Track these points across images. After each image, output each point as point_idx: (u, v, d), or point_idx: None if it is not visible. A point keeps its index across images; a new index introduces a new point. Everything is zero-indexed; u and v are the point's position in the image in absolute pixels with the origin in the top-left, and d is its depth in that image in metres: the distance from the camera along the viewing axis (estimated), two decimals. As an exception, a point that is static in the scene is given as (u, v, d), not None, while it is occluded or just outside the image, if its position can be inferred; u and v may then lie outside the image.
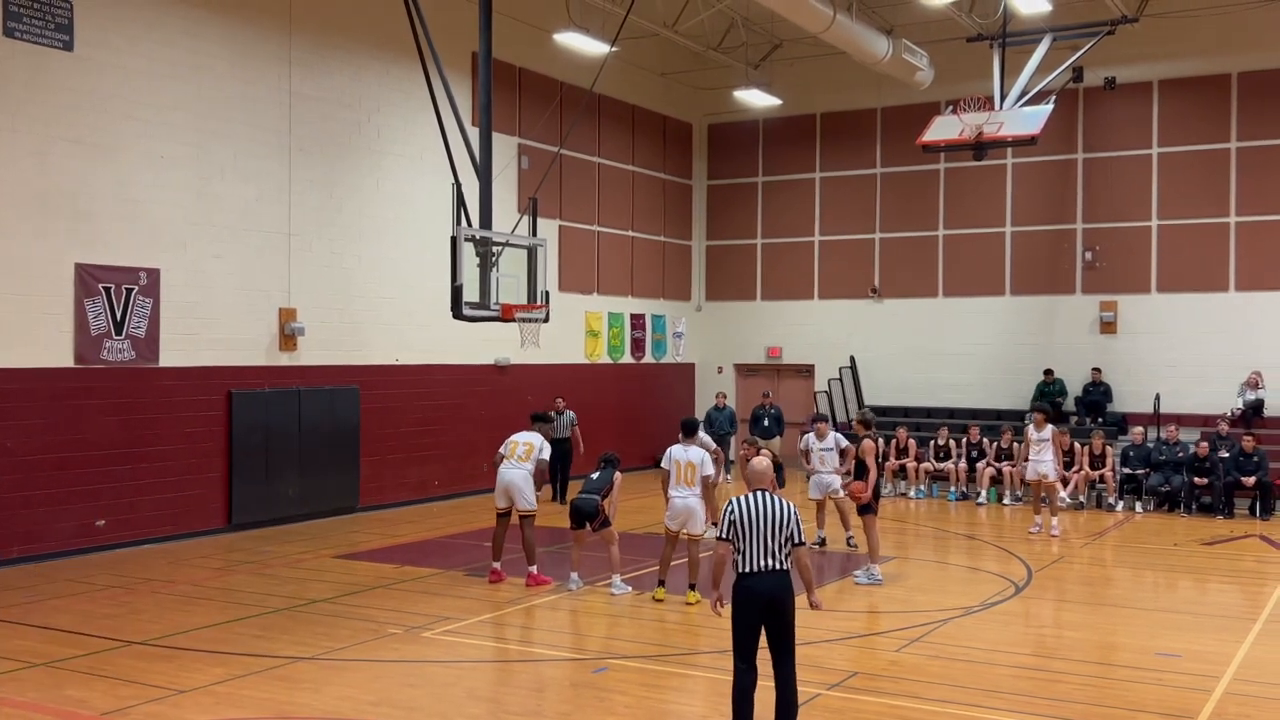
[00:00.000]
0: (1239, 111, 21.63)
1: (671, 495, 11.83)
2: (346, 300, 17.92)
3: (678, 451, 11.91)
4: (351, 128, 18.03)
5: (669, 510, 11.88)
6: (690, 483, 11.75)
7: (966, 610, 11.59)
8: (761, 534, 7.27)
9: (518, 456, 12.60)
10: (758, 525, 7.28)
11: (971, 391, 23.61)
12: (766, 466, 7.61)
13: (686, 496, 11.75)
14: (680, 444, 12.05)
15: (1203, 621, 11.47)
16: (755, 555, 7.26)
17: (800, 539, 7.39)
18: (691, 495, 11.75)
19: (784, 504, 7.39)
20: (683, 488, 11.76)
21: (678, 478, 11.79)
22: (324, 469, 17.33)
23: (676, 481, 11.80)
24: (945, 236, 24.28)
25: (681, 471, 11.76)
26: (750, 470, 7.65)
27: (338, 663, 9.48)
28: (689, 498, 11.74)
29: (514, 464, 12.59)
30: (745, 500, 7.38)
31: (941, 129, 19.34)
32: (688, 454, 11.85)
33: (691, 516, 11.74)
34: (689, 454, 11.85)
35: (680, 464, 11.77)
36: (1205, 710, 8.31)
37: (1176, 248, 22.10)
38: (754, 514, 7.31)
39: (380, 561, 13.99)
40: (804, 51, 23.77)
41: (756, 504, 7.35)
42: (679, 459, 11.81)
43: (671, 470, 11.84)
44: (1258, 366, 20.93)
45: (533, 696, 8.72)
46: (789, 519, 7.34)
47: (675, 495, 11.79)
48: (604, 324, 23.99)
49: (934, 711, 8.26)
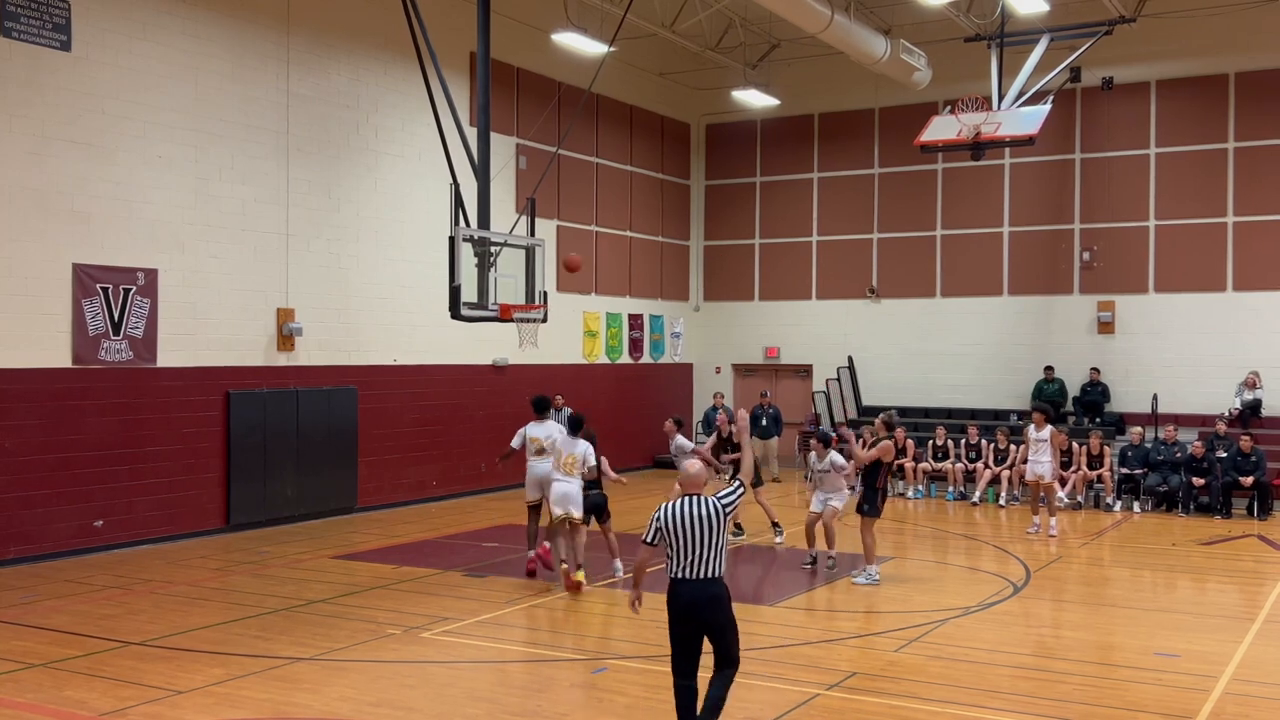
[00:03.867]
0: (1236, 112, 21.66)
1: (554, 479, 12.11)
2: (344, 301, 17.91)
3: (534, 429, 12.32)
4: (349, 128, 18.02)
5: (552, 495, 12.21)
6: (571, 471, 12.06)
7: (965, 610, 11.59)
8: (690, 541, 7.00)
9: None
10: (685, 532, 7.01)
11: (969, 392, 23.61)
12: (699, 471, 7.34)
13: (568, 482, 12.05)
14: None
15: (1201, 621, 11.47)
16: (684, 563, 7.02)
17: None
18: (573, 483, 12.05)
19: (715, 509, 7.08)
20: (562, 473, 12.10)
21: (556, 464, 12.14)
22: (322, 469, 17.32)
23: (556, 467, 12.13)
24: (943, 237, 24.30)
25: (562, 460, 12.12)
26: (682, 474, 7.36)
27: (336, 663, 9.47)
28: (570, 484, 12.06)
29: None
30: (672, 507, 7.11)
31: (939, 129, 19.35)
32: (571, 445, 12.16)
33: (571, 501, 12.04)
34: (573, 445, 12.15)
35: (563, 453, 12.13)
36: (1204, 710, 8.31)
37: (1174, 248, 22.12)
38: (680, 520, 7.04)
39: (378, 562, 13.98)
40: (802, 52, 23.77)
41: (684, 510, 7.07)
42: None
43: (554, 457, 12.21)
44: (1255, 366, 20.96)
45: (532, 697, 8.71)
46: (718, 525, 7.05)
47: (556, 479, 12.08)
48: (602, 324, 23.99)
49: (934, 712, 8.26)
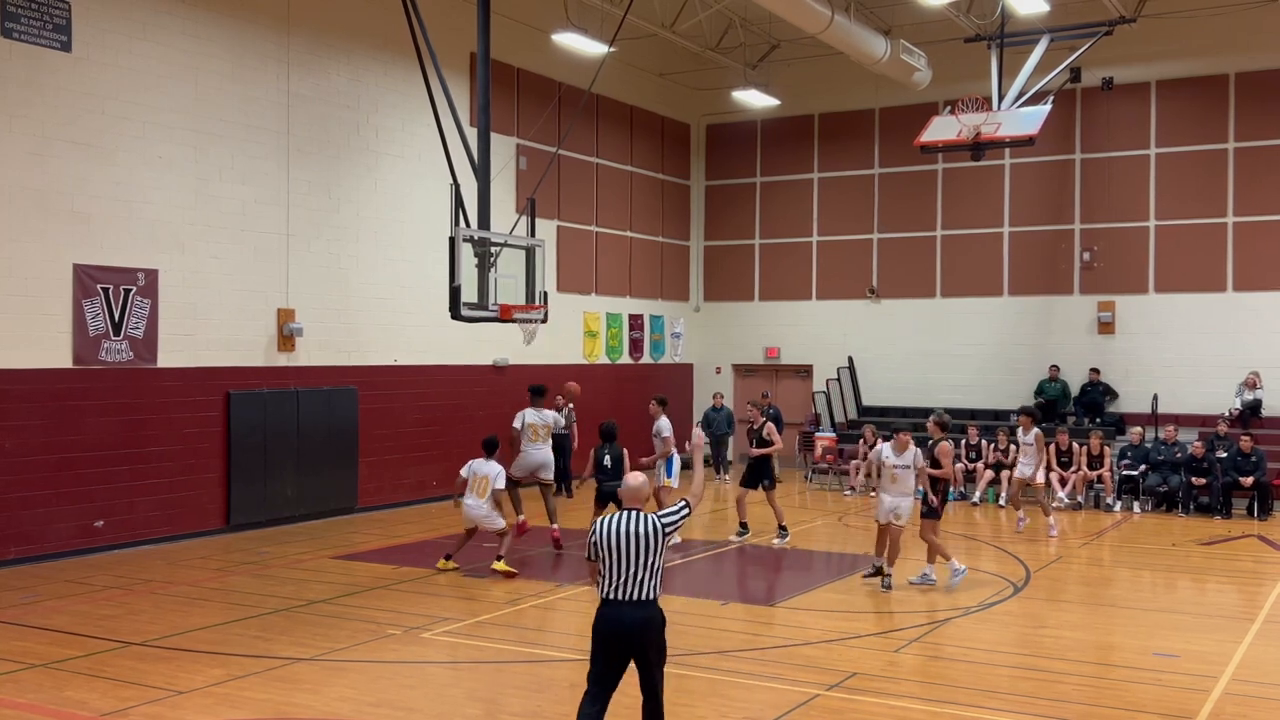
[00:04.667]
0: (1236, 112, 21.65)
1: (466, 504, 13.28)
2: (345, 301, 17.92)
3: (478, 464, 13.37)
4: (350, 128, 18.02)
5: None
6: (482, 495, 13.20)
7: (965, 610, 11.60)
8: (623, 559, 6.56)
9: (541, 438, 14.67)
10: (619, 550, 6.57)
11: (970, 392, 23.59)
12: (640, 484, 6.88)
13: (478, 505, 13.20)
14: (481, 459, 13.44)
15: (1201, 622, 11.48)
16: (616, 582, 6.57)
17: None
18: (482, 505, 13.21)
19: (653, 528, 6.63)
20: (474, 497, 13.22)
21: (471, 487, 13.30)
22: (322, 469, 17.32)
23: (469, 491, 13.28)
24: (943, 237, 24.29)
25: (476, 483, 13.26)
26: (624, 487, 6.91)
27: (337, 663, 9.48)
28: (480, 507, 13.21)
29: (539, 446, 14.66)
30: (608, 522, 6.68)
31: (939, 129, 19.34)
32: (486, 467, 13.30)
33: (486, 520, 13.30)
34: (487, 467, 13.29)
35: (477, 475, 13.27)
36: (1203, 711, 8.32)
37: (1174, 248, 22.11)
38: (615, 537, 6.59)
39: (379, 562, 13.99)
40: (802, 52, 23.77)
41: (620, 526, 6.62)
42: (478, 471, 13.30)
43: (470, 480, 13.35)
44: (1255, 367, 20.95)
45: (532, 697, 8.72)
46: (655, 545, 6.60)
47: (468, 503, 13.26)
48: (602, 324, 23.99)
49: (933, 712, 8.26)
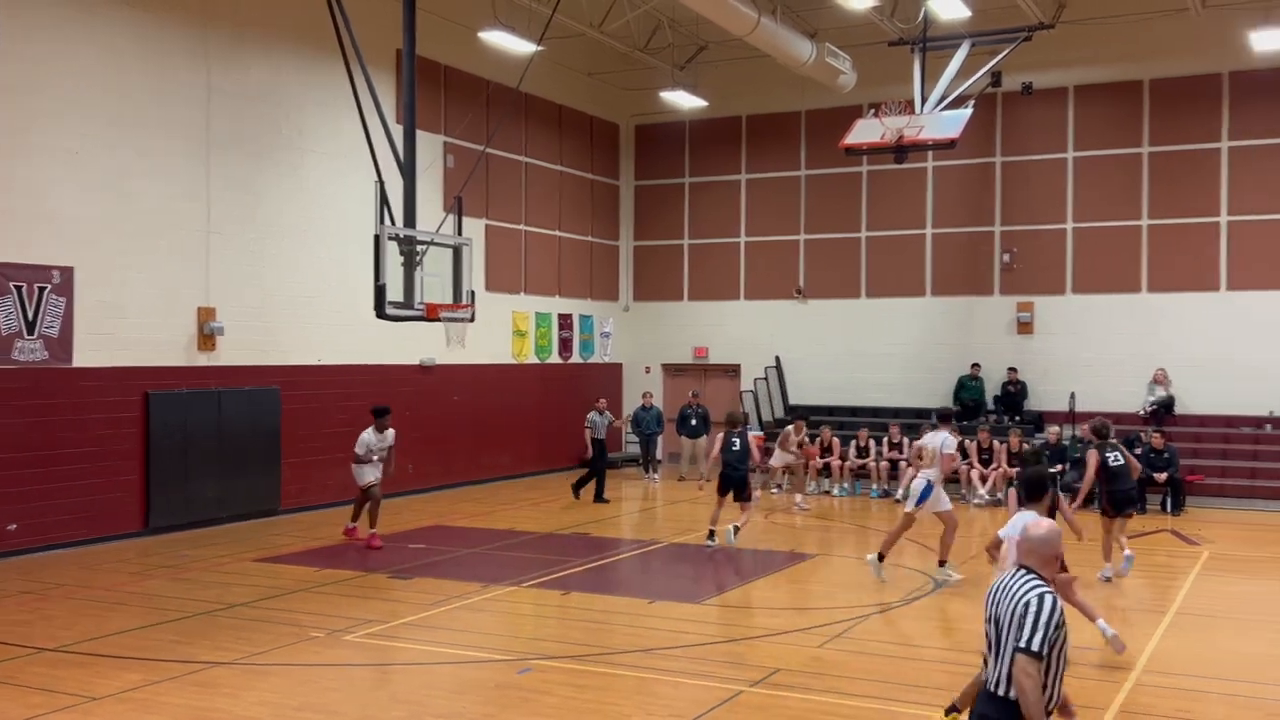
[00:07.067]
0: (1151, 117, 22.21)
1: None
2: (268, 300, 17.65)
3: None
4: (273, 125, 17.77)
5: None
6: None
7: (887, 606, 11.77)
8: None
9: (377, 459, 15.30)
10: None
11: (894, 391, 23.94)
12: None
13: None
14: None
15: (1115, 614, 11.72)
16: None
17: None
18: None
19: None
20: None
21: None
22: (245, 471, 17.05)
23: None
24: (868, 238, 24.60)
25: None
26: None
27: (258, 667, 9.34)
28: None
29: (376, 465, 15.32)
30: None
31: (863, 132, 19.54)
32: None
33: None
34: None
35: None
36: (1116, 702, 8.52)
37: (1091, 250, 22.63)
38: None
39: (303, 564, 13.82)
40: (729, 54, 23.92)
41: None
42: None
43: None
44: (1168, 366, 21.52)
45: (457, 698, 8.67)
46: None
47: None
48: (531, 324, 23.91)
49: (855, 706, 8.37)
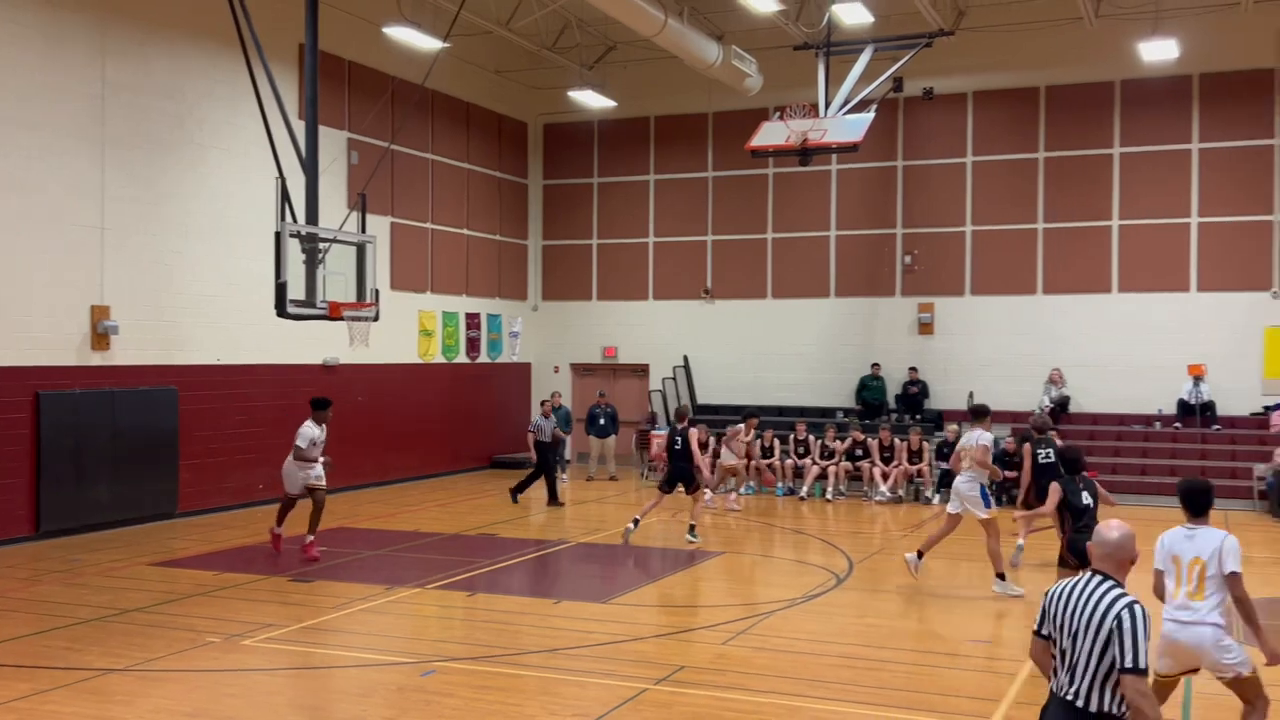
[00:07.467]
0: (1046, 124, 22.84)
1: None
2: (166, 298, 17.22)
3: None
4: (172, 120, 17.33)
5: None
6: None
7: (791, 602, 11.91)
8: None
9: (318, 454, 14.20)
10: None
11: (799, 390, 24.25)
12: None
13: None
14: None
15: (1011, 608, 12.06)
16: None
17: None
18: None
19: None
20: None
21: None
22: (140, 473, 16.61)
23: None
24: (774, 240, 24.88)
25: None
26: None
27: (153, 674, 9.12)
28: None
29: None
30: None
31: (769, 134, 19.75)
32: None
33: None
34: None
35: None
36: (1009, 693, 8.74)
37: (989, 252, 23.18)
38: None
39: (200, 568, 13.51)
40: (638, 54, 24.00)
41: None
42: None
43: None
44: (1062, 365, 22.16)
45: (358, 703, 8.56)
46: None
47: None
48: (438, 323, 23.70)
49: (758, 703, 8.45)
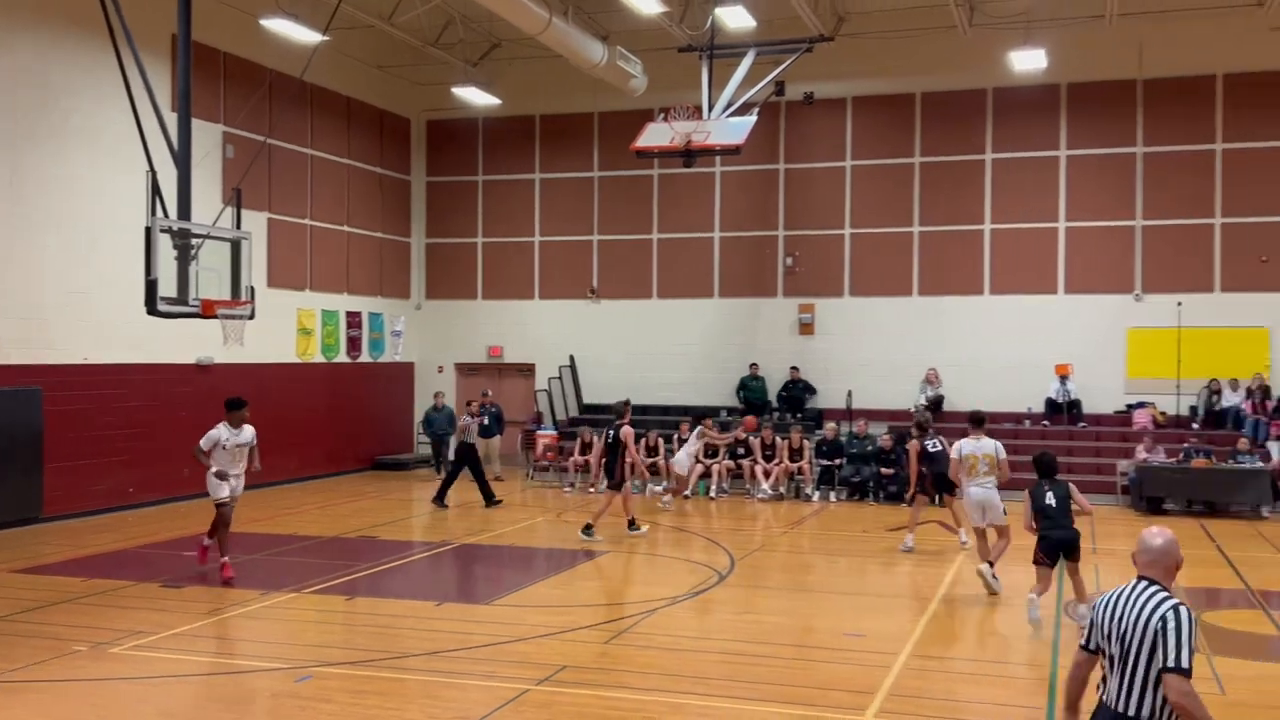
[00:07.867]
0: (922, 129, 23.44)
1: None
2: (29, 295, 16.56)
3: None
4: (35, 110, 16.68)
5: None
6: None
7: (674, 600, 12.01)
8: None
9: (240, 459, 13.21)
10: None
11: (683, 390, 24.43)
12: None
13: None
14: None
15: (886, 602, 12.37)
16: None
17: None
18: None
19: None
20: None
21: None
22: (2, 476, 15.95)
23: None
24: (659, 240, 25.04)
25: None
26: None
27: (14, 684, 8.76)
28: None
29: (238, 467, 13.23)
30: None
31: (654, 135, 19.84)
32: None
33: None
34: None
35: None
36: (885, 685, 8.95)
37: (867, 254, 23.69)
38: None
39: (67, 575, 13.04)
40: (523, 52, 23.90)
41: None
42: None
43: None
44: (938, 365, 22.78)
45: (230, 710, 8.36)
46: None
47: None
48: (317, 322, 23.25)
49: (641, 701, 8.50)
